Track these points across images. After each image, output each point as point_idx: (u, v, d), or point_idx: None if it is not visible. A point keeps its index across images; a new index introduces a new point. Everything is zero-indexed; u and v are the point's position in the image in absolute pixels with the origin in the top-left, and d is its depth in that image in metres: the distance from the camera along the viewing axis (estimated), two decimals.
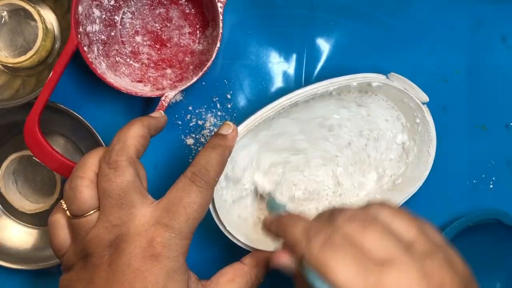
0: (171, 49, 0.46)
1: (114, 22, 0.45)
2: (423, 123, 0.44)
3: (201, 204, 0.33)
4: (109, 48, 0.45)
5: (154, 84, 0.46)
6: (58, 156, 0.41)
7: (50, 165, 0.41)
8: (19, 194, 0.49)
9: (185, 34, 0.46)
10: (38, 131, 0.41)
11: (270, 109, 0.40)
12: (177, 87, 0.43)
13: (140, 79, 0.46)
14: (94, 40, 0.44)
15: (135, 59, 0.46)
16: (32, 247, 0.49)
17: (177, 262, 0.32)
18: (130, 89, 0.43)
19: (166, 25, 0.46)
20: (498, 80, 0.48)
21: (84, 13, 0.42)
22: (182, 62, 0.46)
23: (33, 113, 0.41)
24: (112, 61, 0.45)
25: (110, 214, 0.32)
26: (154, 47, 0.46)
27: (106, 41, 0.45)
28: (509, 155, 0.48)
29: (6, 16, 0.46)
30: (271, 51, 0.47)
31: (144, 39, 0.46)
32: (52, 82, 0.41)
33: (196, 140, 0.47)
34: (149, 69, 0.46)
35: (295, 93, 0.40)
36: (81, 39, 0.41)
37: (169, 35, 0.46)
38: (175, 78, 0.46)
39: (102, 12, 0.44)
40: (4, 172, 0.47)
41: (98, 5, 0.44)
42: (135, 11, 0.46)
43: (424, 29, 0.47)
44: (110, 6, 0.45)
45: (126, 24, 0.46)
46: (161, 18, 0.46)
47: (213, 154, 0.35)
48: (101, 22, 0.44)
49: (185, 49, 0.46)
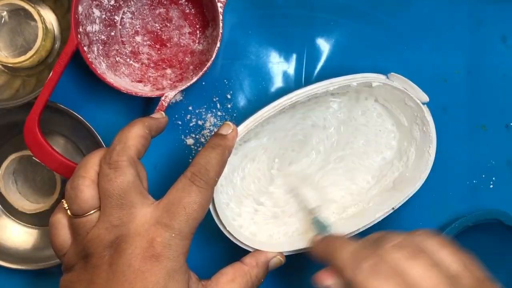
0: (171, 49, 0.46)
1: (114, 22, 0.45)
2: (423, 123, 0.44)
3: (201, 204, 0.33)
4: (109, 48, 0.45)
5: (154, 84, 0.46)
6: (58, 156, 0.41)
7: (50, 165, 0.41)
8: (19, 194, 0.49)
9: (185, 34, 0.46)
10: (38, 131, 0.41)
11: (270, 109, 0.40)
12: (177, 87, 0.43)
13: (140, 79, 0.46)
14: (94, 40, 0.44)
15: (135, 59, 0.46)
16: (32, 247, 0.49)
17: (178, 262, 0.32)
18: (130, 89, 0.43)
19: (166, 25, 0.46)
20: (498, 80, 0.48)
21: (84, 13, 0.42)
22: (182, 62, 0.46)
23: (33, 113, 0.41)
24: (112, 61, 0.45)
25: (111, 214, 0.32)
26: (154, 47, 0.46)
27: (106, 41, 0.45)
28: (509, 155, 0.48)
29: (6, 16, 0.46)
30: (271, 51, 0.47)
31: (144, 39, 0.46)
32: (52, 82, 0.41)
33: (196, 140, 0.47)
34: (149, 69, 0.46)
35: (295, 93, 0.40)
36: (81, 39, 0.41)
37: (169, 35, 0.46)
38: (175, 78, 0.46)
39: (102, 12, 0.44)
40: (4, 172, 0.47)
41: (98, 5, 0.44)
42: (135, 11, 0.46)
43: (424, 29, 0.47)
44: (110, 6, 0.45)
45: (126, 24, 0.46)
46: (161, 18, 0.46)
47: (213, 154, 0.35)
48: (101, 22, 0.44)
49: (185, 49, 0.46)
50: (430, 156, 0.44)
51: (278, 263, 0.41)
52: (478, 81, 0.48)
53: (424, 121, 0.44)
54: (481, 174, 0.48)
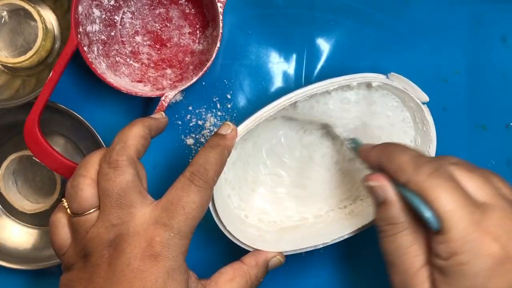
0: (171, 49, 0.46)
1: (114, 22, 0.45)
2: (423, 123, 0.44)
3: (200, 204, 0.33)
4: (109, 48, 0.45)
5: (154, 84, 0.46)
6: (58, 156, 0.41)
7: (50, 165, 0.41)
8: (19, 194, 0.49)
9: (185, 34, 0.46)
10: (38, 131, 0.41)
11: (270, 109, 0.40)
12: (177, 87, 0.43)
13: (140, 79, 0.46)
14: (94, 40, 0.44)
15: (135, 59, 0.46)
16: (32, 247, 0.49)
17: (177, 261, 0.32)
18: (130, 89, 0.43)
19: (166, 25, 0.46)
20: (498, 80, 0.48)
21: (84, 13, 0.42)
22: (182, 62, 0.46)
23: (33, 113, 0.41)
24: (112, 61, 0.45)
25: (110, 213, 0.32)
26: (154, 47, 0.46)
27: (106, 41, 0.45)
28: (509, 155, 0.48)
29: (6, 16, 0.46)
30: (271, 51, 0.47)
31: (144, 39, 0.46)
32: (52, 82, 0.41)
33: (196, 140, 0.47)
34: (149, 69, 0.46)
35: (295, 93, 0.40)
36: (81, 39, 0.41)
37: (169, 35, 0.46)
38: (175, 78, 0.46)
39: (102, 12, 0.44)
40: (4, 172, 0.47)
41: (98, 5, 0.44)
42: (135, 11, 0.46)
43: (424, 29, 0.47)
44: (110, 6, 0.45)
45: (126, 24, 0.46)
46: (161, 18, 0.46)
47: (212, 153, 0.35)
48: (101, 22, 0.44)
49: (185, 49, 0.46)
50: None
51: (278, 263, 0.41)
52: (478, 81, 0.48)
53: (424, 121, 0.44)
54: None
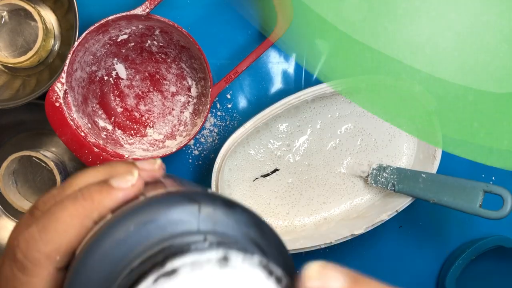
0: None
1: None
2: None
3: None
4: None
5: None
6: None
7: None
8: (19, 194, 0.49)
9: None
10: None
11: (270, 111, 0.40)
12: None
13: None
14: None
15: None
16: None
17: None
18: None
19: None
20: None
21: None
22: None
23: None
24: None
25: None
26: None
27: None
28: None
29: (6, 16, 0.46)
30: (271, 51, 0.47)
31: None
32: None
33: (196, 140, 0.47)
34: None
35: (296, 95, 0.40)
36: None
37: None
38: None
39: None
40: (4, 172, 0.47)
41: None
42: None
43: None
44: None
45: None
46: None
47: (65, 214, 0.21)
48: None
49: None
50: (435, 160, 0.44)
51: None
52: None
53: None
54: (481, 174, 0.48)
